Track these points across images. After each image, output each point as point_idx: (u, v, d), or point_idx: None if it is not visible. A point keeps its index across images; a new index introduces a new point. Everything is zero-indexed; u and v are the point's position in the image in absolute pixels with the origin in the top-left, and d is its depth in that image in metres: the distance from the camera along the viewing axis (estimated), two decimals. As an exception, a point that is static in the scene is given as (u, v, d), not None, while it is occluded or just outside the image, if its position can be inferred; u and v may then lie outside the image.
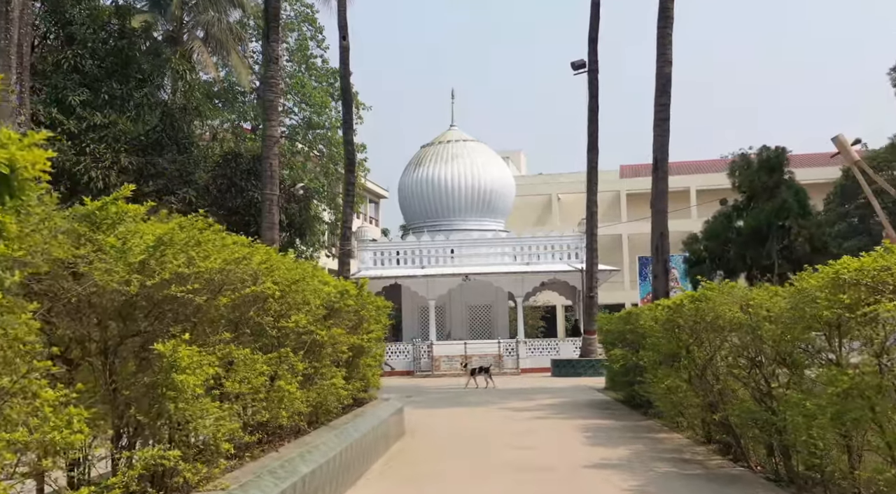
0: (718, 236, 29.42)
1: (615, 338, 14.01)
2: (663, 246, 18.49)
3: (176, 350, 3.75)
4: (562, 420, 12.16)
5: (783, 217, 27.63)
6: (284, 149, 42.80)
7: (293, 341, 6.38)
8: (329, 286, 7.42)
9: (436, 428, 11.53)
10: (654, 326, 10.01)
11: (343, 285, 7.63)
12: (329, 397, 7.23)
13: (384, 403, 10.11)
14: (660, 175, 18.64)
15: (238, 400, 5.18)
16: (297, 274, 6.07)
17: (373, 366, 9.72)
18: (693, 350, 7.86)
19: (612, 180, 52.95)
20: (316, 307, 6.82)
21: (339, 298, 7.33)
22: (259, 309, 5.34)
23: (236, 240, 5.06)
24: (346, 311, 7.87)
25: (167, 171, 19.23)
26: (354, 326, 8.63)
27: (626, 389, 14.04)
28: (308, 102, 46.32)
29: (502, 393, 18.52)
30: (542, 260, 33.76)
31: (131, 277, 3.71)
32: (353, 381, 8.81)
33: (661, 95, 18.61)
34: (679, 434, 9.84)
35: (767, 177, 28.83)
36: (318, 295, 7.10)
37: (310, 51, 46.14)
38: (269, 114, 18.87)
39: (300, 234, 22.34)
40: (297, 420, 6.22)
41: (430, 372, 29.78)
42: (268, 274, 5.31)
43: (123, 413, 3.85)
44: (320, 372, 7.05)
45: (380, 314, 9.40)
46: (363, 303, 8.93)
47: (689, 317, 7.75)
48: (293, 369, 6.02)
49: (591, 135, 26.54)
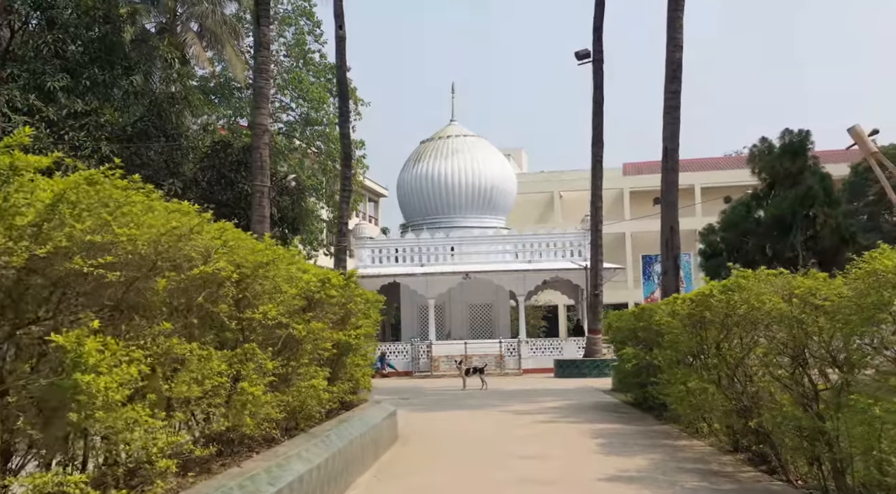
0: (737, 226, 27.76)
1: (626, 336, 13.10)
2: (673, 240, 17.56)
3: (81, 342, 2.85)
4: (569, 424, 11.25)
5: (808, 205, 25.97)
6: (281, 146, 41.94)
7: (262, 336, 5.47)
8: (309, 274, 6.50)
9: (432, 434, 10.62)
10: (671, 322, 9.11)
11: (325, 273, 6.71)
12: (309, 400, 6.32)
13: (375, 406, 9.19)
14: (670, 165, 17.73)
15: (186, 406, 4.27)
16: (265, 257, 5.15)
17: (362, 366, 8.80)
18: (724, 347, 6.94)
19: (616, 177, 52.08)
20: (291, 297, 5.91)
21: (319, 288, 6.41)
22: (212, 295, 4.42)
23: (181, 207, 4.14)
24: (330, 304, 6.96)
25: (153, 162, 18.33)
26: (340, 321, 7.72)
27: (637, 391, 13.13)
28: (306, 98, 45.46)
29: (504, 395, 17.61)
30: (544, 258, 32.87)
31: (17, 246, 2.81)
32: (338, 382, 7.89)
33: (672, 82, 17.72)
34: (700, 441, 8.92)
35: (790, 162, 27.14)
36: (294, 283, 6.19)
37: (307, 45, 45.31)
38: (259, 102, 17.97)
39: (293, 229, 21.41)
40: (268, 427, 5.30)
41: (429, 373, 28.89)
42: (225, 252, 4.40)
43: (11, 425, 2.95)
44: (297, 372, 6.13)
45: (369, 308, 8.48)
46: (350, 296, 8.02)
47: (720, 310, 6.83)
48: (261, 369, 5.10)
49: (596, 127, 25.64)
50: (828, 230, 25.81)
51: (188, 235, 3.87)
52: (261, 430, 5.23)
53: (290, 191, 20.89)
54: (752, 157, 28.73)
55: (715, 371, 7.24)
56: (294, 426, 6.71)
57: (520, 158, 62.92)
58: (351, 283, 8.01)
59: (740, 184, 50.34)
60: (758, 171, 28.28)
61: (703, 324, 8.15)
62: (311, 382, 6.21)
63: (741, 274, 6.54)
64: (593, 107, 25.65)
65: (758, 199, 27.89)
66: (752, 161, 28.87)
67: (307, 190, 25.28)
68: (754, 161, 28.49)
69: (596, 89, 25.53)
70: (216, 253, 4.28)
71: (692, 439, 9.14)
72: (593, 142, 25.66)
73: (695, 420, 9.37)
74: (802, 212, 25.95)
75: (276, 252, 5.45)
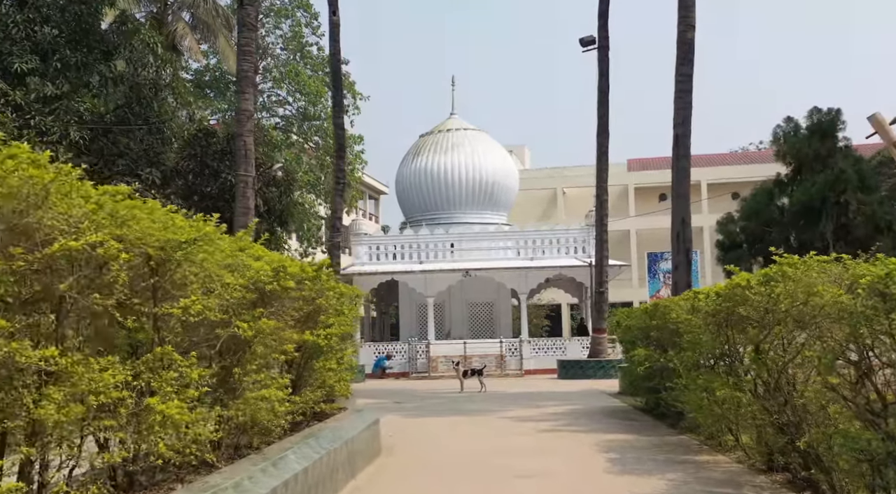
0: (759, 215, 25.40)
1: (636, 336, 11.96)
2: (685, 233, 16.41)
3: None
4: (575, 433, 10.12)
5: (839, 191, 23.48)
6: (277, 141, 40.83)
7: (192, 337, 4.36)
8: (262, 261, 5.37)
9: (422, 445, 9.50)
10: (692, 320, 8.00)
11: (282, 260, 5.56)
12: (260, 414, 5.20)
13: (354, 415, 8.07)
14: (681, 153, 16.57)
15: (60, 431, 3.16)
16: (184, 234, 4.02)
17: (337, 370, 7.67)
18: (764, 349, 5.79)
19: (620, 173, 50.94)
20: (234, 288, 4.79)
21: (271, 278, 5.27)
22: (89, 283, 3.29)
23: (38, 159, 3.00)
24: (290, 298, 5.83)
25: (132, 151, 17.22)
26: (306, 319, 6.60)
27: (648, 395, 12.00)
28: (303, 92, 44.41)
29: (504, 398, 16.48)
30: (546, 255, 31.71)
31: None
32: (305, 390, 6.78)
33: (683, 64, 16.57)
34: (725, 457, 7.79)
35: (819, 144, 24.81)
36: (241, 272, 5.07)
37: (304, 38, 44.24)
38: (243, 86, 16.83)
39: (281, 222, 20.27)
40: (193, 450, 4.17)
41: (426, 374, 27.76)
42: (111, 224, 3.28)
43: None
44: (243, 380, 5.02)
45: (342, 304, 7.32)
46: (321, 290, 6.90)
47: (759, 305, 5.69)
48: (183, 378, 3.98)
49: (602, 117, 24.49)
50: (862, 218, 23.55)
51: (43, 197, 2.75)
52: (184, 456, 4.10)
53: (278, 182, 19.73)
54: (776, 139, 26.48)
55: (750, 377, 6.09)
56: (247, 444, 5.60)
57: (522, 155, 61.75)
58: (322, 275, 6.89)
59: (748, 180, 49.20)
60: (782, 155, 26.05)
61: (730, 322, 7.05)
62: (263, 392, 5.09)
63: (788, 260, 5.38)
64: (598, 95, 24.51)
65: (781, 186, 25.65)
66: (776, 143, 26.60)
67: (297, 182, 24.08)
68: (778, 143, 26.26)
69: (601, 77, 24.38)
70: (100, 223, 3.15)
71: (715, 453, 8.00)
72: (598, 132, 24.51)
73: (717, 432, 8.24)
74: (833, 198, 23.63)
75: (203, 229, 4.30)
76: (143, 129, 18.58)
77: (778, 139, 26.35)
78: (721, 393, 6.79)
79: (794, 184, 25.39)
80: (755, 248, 24.56)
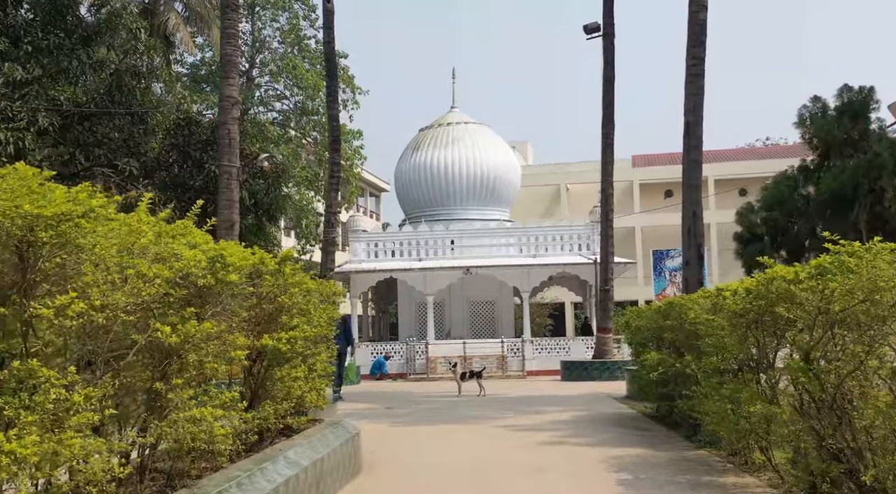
0: (782, 204, 23.50)
1: (647, 338, 10.96)
2: (696, 227, 15.40)
3: None
4: (581, 446, 9.10)
5: (874, 177, 21.24)
6: (274, 136, 39.88)
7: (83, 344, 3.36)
8: (197, 250, 4.36)
9: (408, 460, 8.49)
10: (714, 321, 6.99)
11: (221, 249, 4.54)
12: (193, 437, 4.19)
13: (329, 429, 7.05)
14: (692, 142, 15.56)
15: None
16: (55, 208, 3.01)
17: (308, 378, 6.67)
18: (815, 357, 4.76)
19: (625, 169, 49.86)
20: (154, 282, 3.78)
21: (206, 270, 4.26)
22: None
23: None
24: (237, 295, 4.83)
25: (111, 141, 16.24)
26: (266, 320, 5.61)
27: (660, 402, 10.99)
28: (300, 86, 43.50)
29: (503, 403, 15.47)
30: (549, 253, 30.68)
31: None
32: (264, 404, 5.78)
33: (695, 46, 15.56)
34: (754, 478, 6.77)
35: (850, 125, 22.79)
36: (167, 263, 4.07)
37: (302, 31, 43.33)
38: (227, 71, 15.86)
39: (269, 216, 19.25)
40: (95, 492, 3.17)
41: (425, 375, 26.76)
42: None
43: None
44: (168, 397, 4.02)
45: (308, 301, 6.29)
46: (284, 286, 5.90)
47: (811, 304, 4.67)
48: (62, 402, 2.98)
49: (607, 107, 23.48)
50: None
51: None
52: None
53: (266, 174, 18.71)
54: (802, 121, 24.28)
55: (797, 390, 5.08)
56: (182, 472, 4.60)
57: (525, 151, 60.67)
58: (285, 269, 5.89)
59: (757, 176, 48.19)
60: (808, 138, 23.99)
61: (761, 324, 6.06)
62: (194, 412, 4.08)
63: (847, 248, 4.36)
64: (603, 84, 23.49)
65: (807, 173, 23.73)
66: (801, 125, 24.40)
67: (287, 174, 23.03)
68: (804, 125, 24.10)
69: (606, 65, 23.36)
70: None
71: (742, 474, 6.98)
72: (604, 123, 23.49)
73: (744, 449, 7.23)
74: (866, 184, 21.46)
75: (89, 204, 3.29)
76: (125, 119, 17.62)
77: (804, 121, 24.22)
78: (754, 408, 5.78)
79: (822, 170, 23.51)
80: (778, 241, 22.94)
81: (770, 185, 25.15)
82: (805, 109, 24.17)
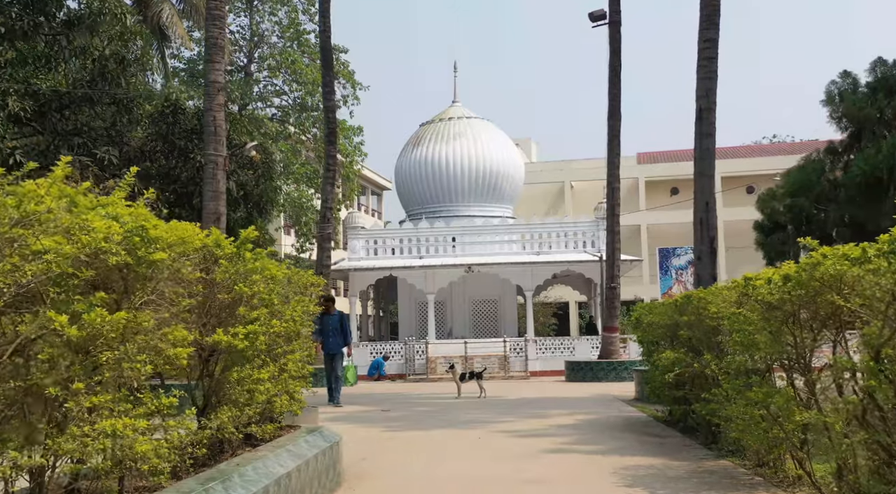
0: (809, 190, 21.63)
1: (660, 335, 10.08)
2: (709, 219, 14.54)
3: None
4: (589, 455, 8.23)
5: None
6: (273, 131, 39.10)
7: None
8: (112, 222, 3.50)
9: (396, 472, 7.63)
10: (742, 315, 6.13)
11: (144, 221, 3.67)
12: (104, 455, 3.34)
13: (301, 439, 6.19)
14: (705, 129, 14.69)
15: None
16: None
17: (279, 380, 5.83)
18: (887, 355, 3.88)
19: (630, 166, 48.98)
20: (37, 255, 2.94)
21: (120, 245, 3.39)
22: None
23: None
24: (176, 280, 3.99)
25: (91, 129, 15.43)
26: (219, 313, 4.76)
27: (673, 405, 10.13)
28: (299, 81, 42.75)
29: (505, 406, 14.61)
30: (553, 250, 29.83)
31: None
32: (219, 412, 4.93)
33: (708, 28, 14.70)
34: (786, 493, 5.91)
35: (885, 102, 20.87)
36: (73, 237, 3.22)
37: (301, 26, 42.60)
38: (213, 55, 15.03)
39: (260, 209, 18.39)
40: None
41: (424, 376, 25.91)
42: None
43: None
44: (68, 405, 3.17)
45: (272, 290, 5.41)
46: (244, 273, 5.05)
47: (884, 289, 3.80)
48: None
49: (613, 98, 22.63)
50: None
51: None
52: None
53: (255, 165, 17.84)
54: (831, 99, 22.21)
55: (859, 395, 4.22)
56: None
57: (528, 148, 59.81)
58: (245, 253, 5.04)
59: (764, 173, 47.26)
60: (837, 118, 21.90)
61: (797, 319, 5.22)
62: (104, 424, 3.23)
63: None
64: (609, 74, 22.64)
65: (835, 155, 21.80)
66: (829, 103, 22.35)
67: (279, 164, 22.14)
68: (833, 103, 22.04)
69: (613, 54, 22.51)
70: None
71: (773, 488, 6.10)
72: (609, 115, 22.63)
73: (775, 460, 6.37)
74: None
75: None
76: (109, 107, 16.81)
77: (832, 98, 22.21)
78: (800, 417, 4.92)
79: (852, 151, 21.66)
80: (803, 230, 21.06)
81: (794, 170, 23.38)
82: (834, 86, 22.39)
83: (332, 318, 15.00)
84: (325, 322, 14.69)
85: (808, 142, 53.29)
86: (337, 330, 15.07)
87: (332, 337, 14.91)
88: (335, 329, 15.00)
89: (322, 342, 14.68)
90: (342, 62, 41.55)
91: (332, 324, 14.94)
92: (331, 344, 14.89)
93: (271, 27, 43.57)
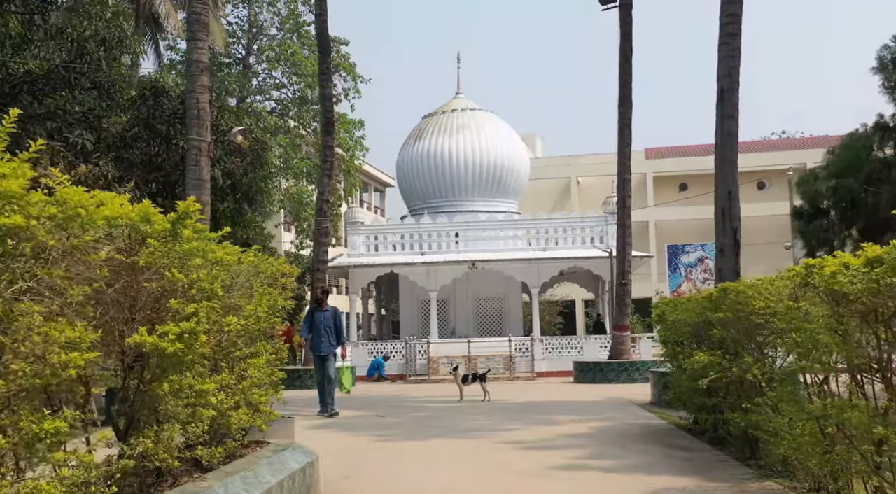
0: (858, 170, 19.20)
1: (685, 335, 8.98)
2: (732, 209, 13.39)
3: None
4: (609, 473, 7.13)
5: None
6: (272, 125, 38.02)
7: None
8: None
9: (382, 490, 6.54)
10: (801, 309, 5.05)
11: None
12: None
13: (264, 462, 5.10)
14: (727, 111, 13.54)
15: None
16: None
17: (224, 391, 4.75)
18: None
19: (638, 161, 47.80)
20: None
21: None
22: None
23: None
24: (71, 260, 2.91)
25: (66, 113, 14.39)
26: (140, 304, 3.68)
27: (700, 413, 9.02)
28: (299, 74, 41.69)
29: (509, 411, 13.51)
30: (560, 246, 28.75)
31: None
32: (145, 432, 3.86)
33: (731, 2, 13.57)
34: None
35: None
36: None
37: (301, 17, 41.55)
38: (195, 32, 14.00)
39: (249, 200, 17.28)
40: None
41: (426, 376, 24.83)
42: None
43: None
44: None
45: (214, 278, 4.32)
46: (185, 255, 3.98)
47: None
48: None
49: (624, 85, 21.51)
50: None
51: None
52: None
53: (243, 152, 16.71)
54: (883, 65, 19.63)
55: None
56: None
57: (534, 144, 58.66)
58: (183, 230, 3.96)
59: (775, 168, 46.09)
60: (891, 86, 19.15)
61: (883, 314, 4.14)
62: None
63: None
64: (620, 60, 21.51)
65: (885, 130, 19.06)
66: (882, 70, 19.85)
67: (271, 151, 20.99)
68: (886, 70, 19.35)
69: (624, 39, 21.39)
70: None
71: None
72: (620, 102, 21.52)
73: (842, 488, 5.27)
74: None
75: None
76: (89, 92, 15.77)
77: (885, 65, 19.80)
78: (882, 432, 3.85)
79: None
80: (849, 215, 19.11)
81: (838, 148, 21.03)
82: (887, 51, 20.02)
83: (324, 314, 13.38)
84: (317, 318, 13.37)
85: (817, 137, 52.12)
86: (330, 328, 13.38)
87: (324, 336, 13.15)
88: (328, 327, 13.21)
89: (311, 341, 13.41)
90: (343, 55, 40.47)
91: (324, 322, 13.18)
92: (322, 344, 13.19)
93: (270, 18, 42.53)
